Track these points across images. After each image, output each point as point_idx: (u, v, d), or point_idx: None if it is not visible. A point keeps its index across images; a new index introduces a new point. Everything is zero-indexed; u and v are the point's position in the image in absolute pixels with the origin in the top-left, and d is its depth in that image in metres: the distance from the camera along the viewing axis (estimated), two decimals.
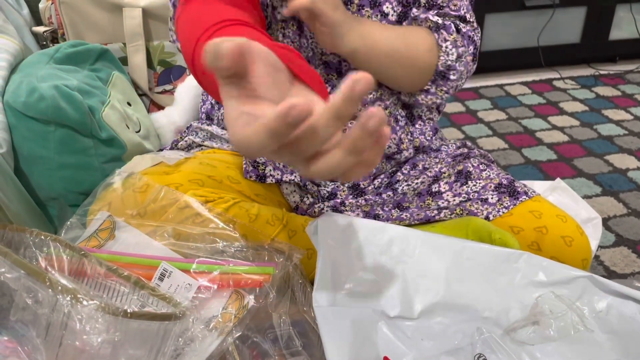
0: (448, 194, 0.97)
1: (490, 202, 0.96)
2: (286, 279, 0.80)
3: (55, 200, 1.02)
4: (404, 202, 0.98)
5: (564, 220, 0.93)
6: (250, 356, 0.73)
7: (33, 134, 0.98)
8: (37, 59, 1.10)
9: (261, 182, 0.94)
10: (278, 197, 0.96)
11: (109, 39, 1.30)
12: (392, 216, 0.97)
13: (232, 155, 0.97)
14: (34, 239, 0.72)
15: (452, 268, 0.78)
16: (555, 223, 0.92)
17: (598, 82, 2.43)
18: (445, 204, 0.97)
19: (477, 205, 0.96)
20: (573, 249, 0.90)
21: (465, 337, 0.74)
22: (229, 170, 0.93)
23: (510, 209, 0.95)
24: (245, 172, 0.93)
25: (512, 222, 0.93)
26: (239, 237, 0.78)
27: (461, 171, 1.00)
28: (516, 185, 0.98)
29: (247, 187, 0.92)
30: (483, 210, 0.95)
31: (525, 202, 0.96)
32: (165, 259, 0.76)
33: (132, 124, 1.13)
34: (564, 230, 0.91)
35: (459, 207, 0.96)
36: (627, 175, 1.75)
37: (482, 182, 0.99)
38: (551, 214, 0.94)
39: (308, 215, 0.96)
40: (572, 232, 0.92)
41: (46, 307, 0.61)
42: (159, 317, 0.63)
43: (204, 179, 0.87)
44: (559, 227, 0.92)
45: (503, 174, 1.02)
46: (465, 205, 0.96)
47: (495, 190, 0.97)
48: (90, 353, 0.59)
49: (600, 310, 0.77)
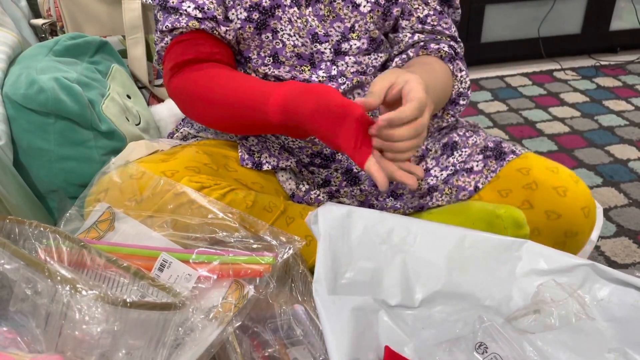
0: (435, 169, 0.96)
1: (476, 171, 0.95)
2: (286, 268, 0.80)
3: (55, 193, 1.02)
4: (397, 190, 0.98)
5: (555, 171, 0.90)
6: (251, 346, 0.73)
7: (33, 126, 0.97)
8: (36, 51, 1.09)
9: (257, 170, 0.94)
10: (275, 185, 0.96)
11: (108, 31, 1.29)
12: (387, 205, 0.97)
13: (228, 144, 0.97)
14: (34, 230, 0.72)
15: (453, 257, 0.78)
16: (545, 176, 0.89)
17: (599, 72, 2.42)
18: (434, 180, 0.96)
19: (464, 177, 0.94)
20: (568, 198, 0.88)
21: (466, 325, 0.74)
22: (225, 159, 0.93)
23: (497, 172, 0.93)
24: (242, 160, 0.93)
25: (500, 185, 0.92)
26: (239, 227, 0.78)
27: (447, 143, 0.99)
28: (503, 146, 0.96)
29: (244, 175, 0.93)
30: (471, 182, 0.94)
31: (513, 161, 0.93)
32: (164, 249, 0.76)
33: (131, 117, 1.12)
34: (556, 181, 0.88)
35: (447, 186, 0.95)
36: (628, 166, 1.74)
37: (468, 150, 0.97)
38: (540, 167, 0.91)
39: (305, 202, 0.96)
40: (564, 181, 0.89)
41: (45, 297, 0.61)
42: (159, 307, 0.62)
43: (200, 167, 0.87)
44: (550, 178, 0.89)
45: (490, 137, 1.00)
46: (452, 180, 0.95)
47: (480, 154, 0.96)
48: (90, 343, 0.59)
49: (602, 298, 0.77)
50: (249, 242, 0.77)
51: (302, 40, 0.92)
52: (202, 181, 0.84)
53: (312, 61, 0.94)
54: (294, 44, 0.92)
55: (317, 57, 0.93)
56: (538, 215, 0.89)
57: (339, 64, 0.94)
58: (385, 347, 0.68)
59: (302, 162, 0.98)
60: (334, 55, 0.94)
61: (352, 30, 0.93)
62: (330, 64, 0.94)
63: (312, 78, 0.93)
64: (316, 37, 0.92)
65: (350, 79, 0.94)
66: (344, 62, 0.94)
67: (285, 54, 0.93)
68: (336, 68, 0.94)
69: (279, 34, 0.92)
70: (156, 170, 0.83)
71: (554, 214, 0.88)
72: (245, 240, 0.77)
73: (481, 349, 0.70)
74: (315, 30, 0.92)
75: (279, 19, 0.91)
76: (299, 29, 0.92)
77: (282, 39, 0.92)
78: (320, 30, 0.92)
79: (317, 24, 0.92)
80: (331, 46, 0.93)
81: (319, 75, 0.93)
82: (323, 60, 0.94)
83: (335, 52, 0.94)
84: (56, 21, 1.31)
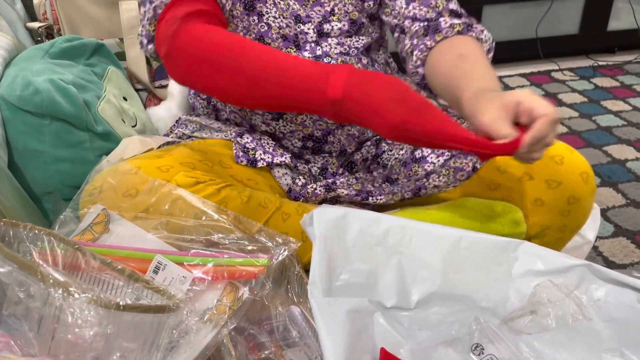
0: (431, 156, 0.97)
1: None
2: (282, 270, 0.80)
3: (50, 195, 1.01)
4: (392, 175, 0.98)
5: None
6: (247, 348, 0.72)
7: (28, 127, 0.97)
8: (32, 54, 1.09)
9: (252, 167, 0.94)
10: (270, 182, 0.96)
11: (105, 34, 1.29)
12: (384, 191, 0.97)
13: (223, 143, 0.97)
14: (28, 233, 0.71)
15: (449, 258, 0.78)
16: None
17: (596, 73, 2.42)
18: (431, 167, 0.96)
19: (461, 159, 0.94)
20: (566, 165, 0.91)
21: (462, 327, 0.73)
22: (220, 156, 0.93)
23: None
24: (237, 157, 0.94)
25: (499, 161, 0.93)
26: (233, 228, 0.77)
27: None
28: None
29: (239, 171, 0.93)
30: (469, 163, 0.94)
31: None
32: (159, 251, 0.75)
33: (128, 119, 1.12)
34: (552, 151, 0.91)
35: (444, 168, 0.95)
36: (626, 166, 1.74)
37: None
38: None
39: (302, 197, 0.96)
40: (560, 151, 0.91)
41: (38, 300, 0.61)
42: (153, 310, 0.62)
43: (195, 163, 0.87)
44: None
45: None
46: (450, 163, 0.95)
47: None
48: (82, 346, 0.58)
49: (599, 299, 0.76)
50: (244, 243, 0.77)
51: (287, 21, 0.94)
52: (197, 176, 0.83)
53: (297, 43, 0.95)
54: (279, 25, 0.94)
55: (302, 38, 0.95)
56: (539, 184, 0.91)
57: (322, 45, 0.95)
58: (381, 349, 0.67)
59: (295, 147, 0.99)
60: (317, 37, 0.95)
61: (332, 13, 0.95)
62: (314, 45, 0.95)
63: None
64: (299, 18, 0.94)
65: (335, 59, 0.95)
66: (328, 44, 0.96)
67: (271, 35, 0.95)
68: (321, 49, 0.95)
69: (265, 17, 0.94)
70: (151, 165, 0.83)
71: (554, 182, 0.90)
72: (240, 242, 0.77)
73: (477, 350, 0.70)
74: (297, 12, 0.94)
75: (264, 2, 0.93)
76: (283, 10, 0.94)
77: (267, 21, 0.94)
78: (302, 13, 0.94)
79: (299, 8, 0.94)
80: (314, 27, 0.95)
81: (305, 57, 0.94)
82: (307, 42, 0.95)
83: (318, 34, 0.95)
84: (52, 24, 1.31)
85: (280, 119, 0.97)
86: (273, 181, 0.98)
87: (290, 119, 0.97)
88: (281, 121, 0.97)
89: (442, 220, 0.91)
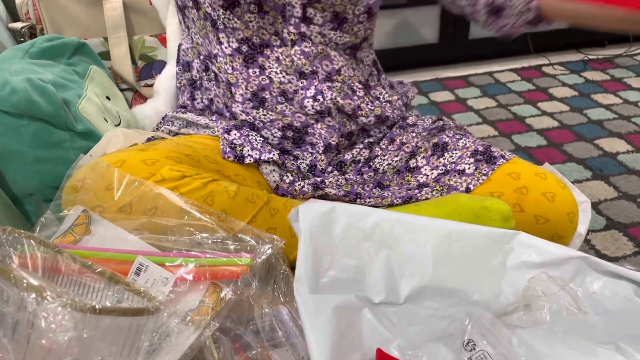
0: (426, 167, 0.96)
1: (467, 173, 0.95)
2: (269, 269, 0.78)
3: (31, 196, 0.99)
4: (384, 181, 0.97)
5: (544, 178, 0.93)
6: (232, 349, 0.70)
7: (6, 128, 0.94)
8: (12, 54, 1.07)
9: (240, 163, 0.93)
10: (257, 178, 0.95)
11: (89, 34, 1.27)
12: (374, 194, 0.95)
13: (210, 139, 0.96)
14: (7, 236, 0.70)
15: (440, 251, 0.75)
16: (535, 181, 0.92)
17: (587, 67, 2.41)
18: (424, 178, 0.96)
19: (456, 178, 0.95)
20: (556, 204, 0.91)
21: (453, 322, 0.71)
22: (207, 151, 0.92)
23: (489, 175, 0.94)
24: (223, 153, 0.92)
25: (492, 187, 0.93)
26: (217, 227, 0.75)
27: (437, 144, 1.00)
28: (492, 150, 0.98)
29: (226, 167, 0.91)
30: (462, 183, 0.94)
31: (503, 166, 0.95)
32: (141, 253, 0.73)
33: (111, 117, 1.10)
34: (545, 187, 0.91)
35: (438, 184, 0.94)
36: (617, 159, 1.73)
37: (458, 152, 0.98)
38: (530, 173, 0.94)
39: (289, 194, 0.95)
40: (552, 187, 0.92)
41: (12, 305, 0.58)
42: (131, 312, 0.60)
43: (182, 157, 0.85)
44: (539, 184, 0.92)
45: (479, 141, 1.01)
46: (444, 179, 0.94)
47: (471, 157, 0.96)
48: (58, 351, 0.56)
49: (594, 292, 0.75)
50: (228, 243, 0.75)
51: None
52: (183, 170, 0.81)
53: (284, 14, 0.94)
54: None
55: (288, 10, 0.94)
56: (528, 218, 0.91)
57: (306, 26, 0.95)
58: (377, 350, 0.65)
59: (275, 137, 0.98)
60: (302, 14, 0.94)
61: (318, 1, 0.94)
62: (299, 21, 0.94)
63: (283, 32, 0.94)
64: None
65: (316, 45, 0.95)
66: (309, 30, 0.95)
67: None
68: (305, 27, 0.94)
69: None
70: (135, 158, 0.81)
71: (543, 218, 0.90)
72: (224, 242, 0.75)
73: (469, 345, 0.68)
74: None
75: None
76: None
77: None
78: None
79: None
80: (301, 2, 0.93)
81: (290, 31, 0.94)
82: (293, 16, 0.94)
83: (303, 13, 0.94)
84: (35, 24, 1.29)
85: (260, 107, 0.96)
86: (261, 177, 0.96)
87: (270, 107, 0.95)
88: (261, 109, 0.96)
89: (432, 215, 0.90)
